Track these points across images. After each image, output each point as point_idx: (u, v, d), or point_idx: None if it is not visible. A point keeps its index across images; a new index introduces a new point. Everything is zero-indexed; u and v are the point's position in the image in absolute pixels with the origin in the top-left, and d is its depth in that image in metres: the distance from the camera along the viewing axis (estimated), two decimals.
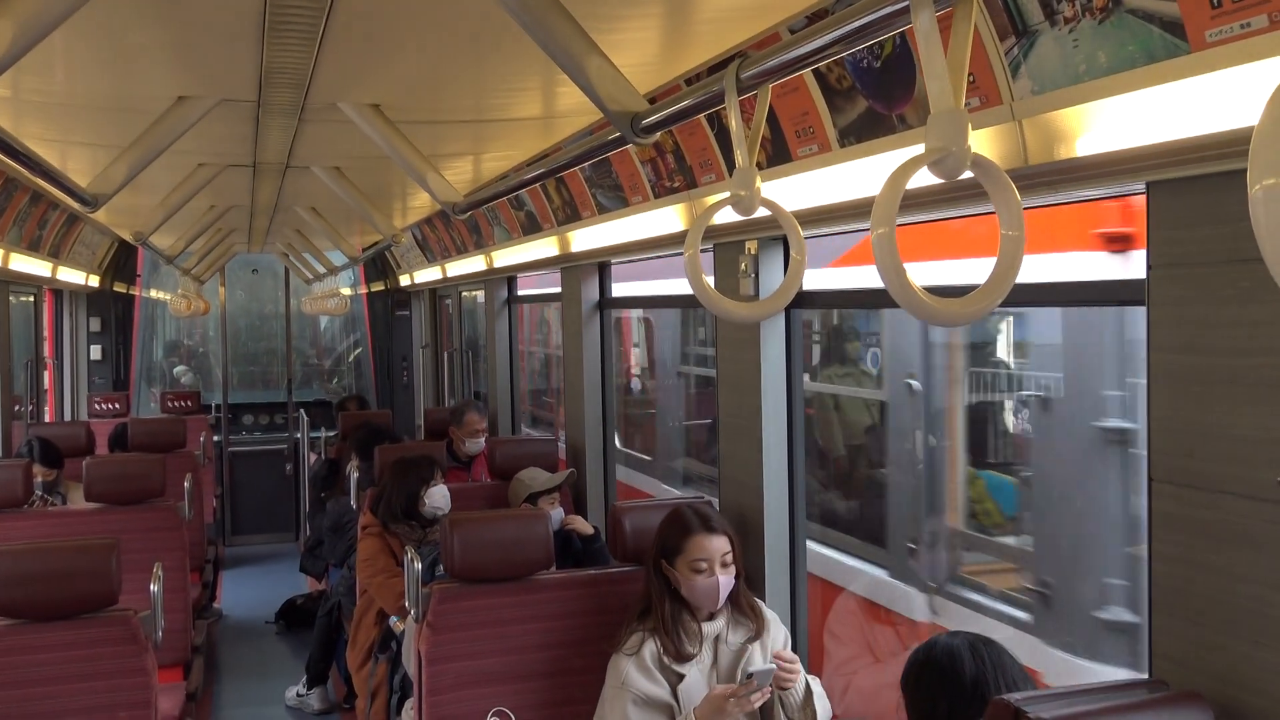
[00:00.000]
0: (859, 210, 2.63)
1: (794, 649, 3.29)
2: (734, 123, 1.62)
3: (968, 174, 1.22)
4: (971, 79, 2.12)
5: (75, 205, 3.44)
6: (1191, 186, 1.89)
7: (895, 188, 1.15)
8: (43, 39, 1.85)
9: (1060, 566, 3.85)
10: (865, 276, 4.06)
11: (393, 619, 4.38)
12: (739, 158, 1.65)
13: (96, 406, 9.16)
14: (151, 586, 3.43)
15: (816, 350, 6.05)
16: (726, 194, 1.74)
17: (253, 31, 2.58)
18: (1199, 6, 1.63)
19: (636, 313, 8.79)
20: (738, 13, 2.54)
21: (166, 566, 4.21)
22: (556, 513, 4.57)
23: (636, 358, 9.20)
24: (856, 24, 1.32)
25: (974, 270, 2.64)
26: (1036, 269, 3.46)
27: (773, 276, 3.52)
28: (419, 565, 3.47)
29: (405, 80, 3.28)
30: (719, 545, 3.07)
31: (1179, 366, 1.96)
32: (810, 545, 3.79)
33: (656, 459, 8.10)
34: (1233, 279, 1.82)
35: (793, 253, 1.68)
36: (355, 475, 5.66)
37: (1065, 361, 3.94)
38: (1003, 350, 4.52)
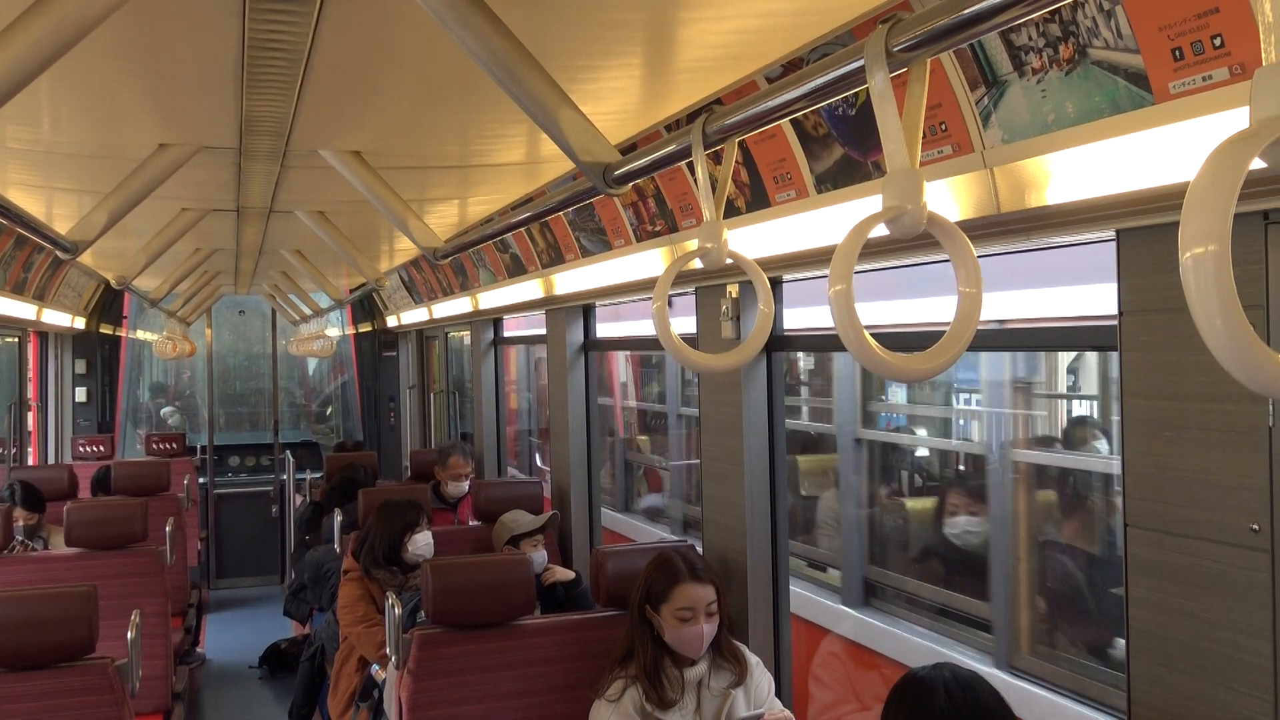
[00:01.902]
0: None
1: (778, 694, 3.27)
2: (701, 177, 1.64)
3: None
4: (943, 127, 2.14)
5: (56, 252, 3.44)
6: (1160, 234, 1.91)
7: (852, 246, 1.16)
8: (21, 90, 1.86)
9: None
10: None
11: (374, 667, 4.35)
12: (706, 212, 1.67)
13: (81, 449, 9.10)
14: (128, 634, 3.40)
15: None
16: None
17: (231, 81, 2.60)
18: (1162, 59, 1.66)
19: None
20: (715, 62, 2.58)
21: (147, 612, 4.18)
22: (540, 555, 4.55)
23: None
24: (818, 83, 1.34)
25: None
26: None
27: (755, 319, 3.53)
28: (399, 611, 3.45)
29: (386, 127, 3.31)
30: (705, 594, 3.06)
31: (1151, 412, 1.97)
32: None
33: None
34: None
35: (760, 305, 1.69)
36: (339, 519, 5.64)
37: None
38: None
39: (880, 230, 1.21)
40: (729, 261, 1.69)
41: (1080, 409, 4.34)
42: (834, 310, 1.15)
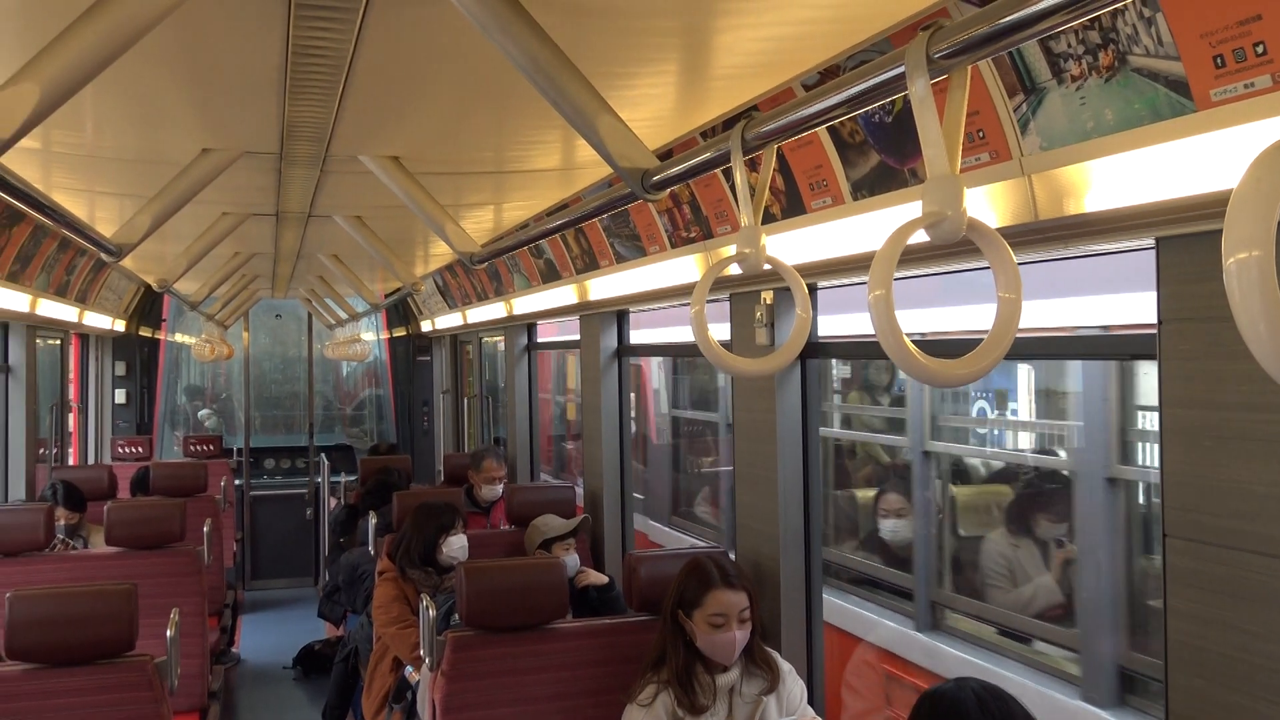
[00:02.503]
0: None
1: (810, 701, 3.27)
2: (740, 183, 1.65)
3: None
4: (981, 135, 2.14)
5: (101, 255, 3.50)
6: (1200, 242, 1.90)
7: (892, 251, 1.16)
8: (69, 98, 1.89)
9: None
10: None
11: (408, 668, 4.38)
12: (743, 217, 1.68)
13: (120, 450, 9.23)
14: (167, 632, 3.44)
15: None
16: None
17: (274, 87, 2.63)
18: (1203, 66, 1.65)
19: None
20: (751, 69, 2.58)
21: (185, 611, 4.23)
22: (572, 559, 4.57)
23: None
24: (857, 89, 1.35)
25: None
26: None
27: (790, 326, 3.53)
28: (434, 612, 3.47)
29: (424, 133, 3.34)
30: (738, 601, 3.06)
31: (1191, 421, 1.96)
32: None
33: None
34: None
35: (798, 310, 1.69)
36: (374, 522, 5.68)
37: None
38: None
39: (920, 236, 1.22)
40: (767, 267, 1.70)
41: None
42: (873, 315, 1.15)
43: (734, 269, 1.81)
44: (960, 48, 1.14)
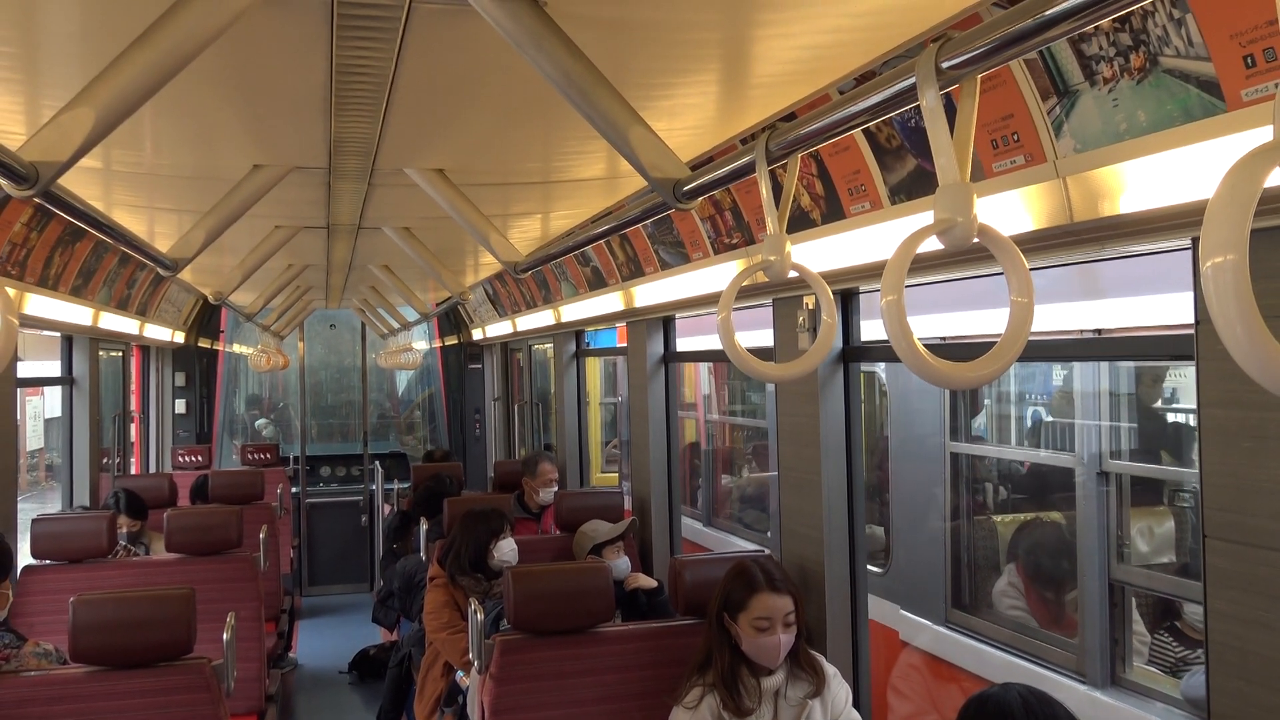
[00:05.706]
0: (914, 265, 2.67)
1: (856, 705, 3.27)
2: (764, 191, 1.68)
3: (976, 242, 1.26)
4: (1015, 138, 2.15)
5: (158, 269, 3.60)
6: None
7: (904, 257, 1.19)
8: (123, 121, 1.97)
9: None
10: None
11: (459, 673, 4.44)
12: (769, 225, 1.70)
13: (180, 459, 9.41)
14: (224, 636, 3.52)
15: None
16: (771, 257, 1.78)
17: (320, 104, 2.71)
18: (1234, 66, 1.65)
19: None
20: (788, 77, 2.60)
21: (242, 616, 4.32)
22: (621, 562, 4.60)
23: None
24: (874, 100, 1.38)
25: None
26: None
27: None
28: (481, 616, 3.52)
29: (468, 146, 3.40)
30: (783, 604, 3.08)
31: (1229, 421, 1.95)
32: None
33: None
34: None
35: (824, 316, 1.71)
36: (425, 528, 5.75)
37: None
38: None
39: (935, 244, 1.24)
40: (793, 274, 1.73)
41: None
42: (886, 320, 1.18)
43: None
44: (969, 59, 1.16)
